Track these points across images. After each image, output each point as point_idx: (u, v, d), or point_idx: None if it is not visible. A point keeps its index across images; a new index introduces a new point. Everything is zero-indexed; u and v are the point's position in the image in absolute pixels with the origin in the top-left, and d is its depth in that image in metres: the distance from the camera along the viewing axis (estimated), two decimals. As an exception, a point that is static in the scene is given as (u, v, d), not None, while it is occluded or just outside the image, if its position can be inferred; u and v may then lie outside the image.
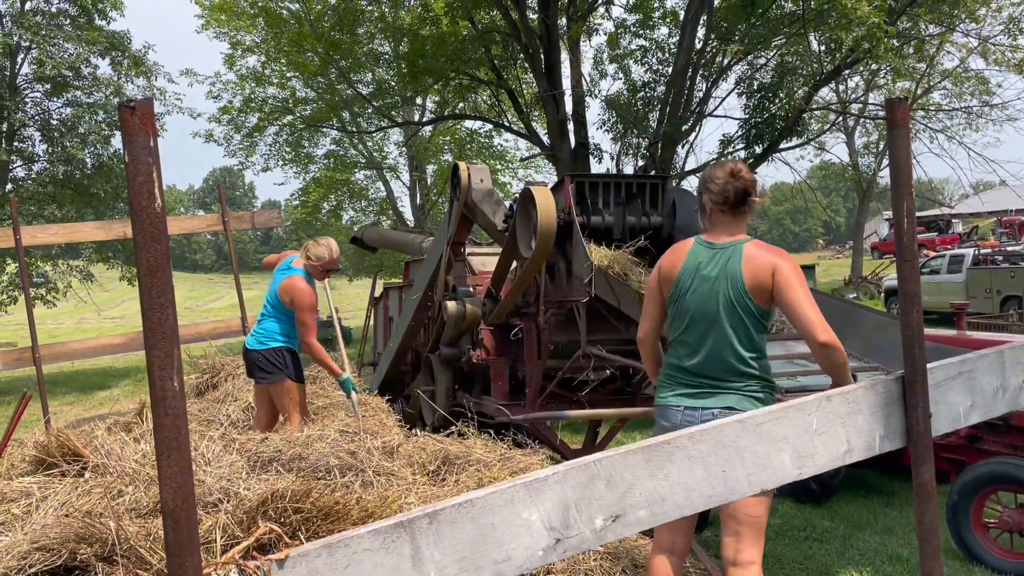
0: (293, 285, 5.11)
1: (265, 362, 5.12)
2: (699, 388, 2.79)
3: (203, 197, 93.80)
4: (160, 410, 1.47)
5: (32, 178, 18.68)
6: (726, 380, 2.76)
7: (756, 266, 2.72)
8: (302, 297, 5.05)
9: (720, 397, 2.75)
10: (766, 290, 2.71)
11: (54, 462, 3.45)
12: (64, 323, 35.49)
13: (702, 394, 2.77)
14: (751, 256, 2.75)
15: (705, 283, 2.77)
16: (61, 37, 17.51)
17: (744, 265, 2.73)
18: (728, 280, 2.74)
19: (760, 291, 2.72)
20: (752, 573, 2.72)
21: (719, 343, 2.76)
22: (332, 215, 23.29)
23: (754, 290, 2.72)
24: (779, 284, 2.68)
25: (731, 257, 2.77)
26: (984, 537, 4.66)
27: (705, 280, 2.78)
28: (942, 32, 15.48)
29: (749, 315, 2.74)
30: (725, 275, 2.75)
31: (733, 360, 2.75)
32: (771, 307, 2.78)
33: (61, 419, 10.30)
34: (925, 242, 30.70)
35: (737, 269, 2.74)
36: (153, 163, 1.46)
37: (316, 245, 5.34)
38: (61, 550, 2.49)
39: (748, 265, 2.73)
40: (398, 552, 1.64)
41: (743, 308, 2.73)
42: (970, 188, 25.63)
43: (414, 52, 15.49)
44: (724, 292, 2.74)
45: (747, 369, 2.76)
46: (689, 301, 2.80)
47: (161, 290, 1.47)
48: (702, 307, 2.77)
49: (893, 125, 2.04)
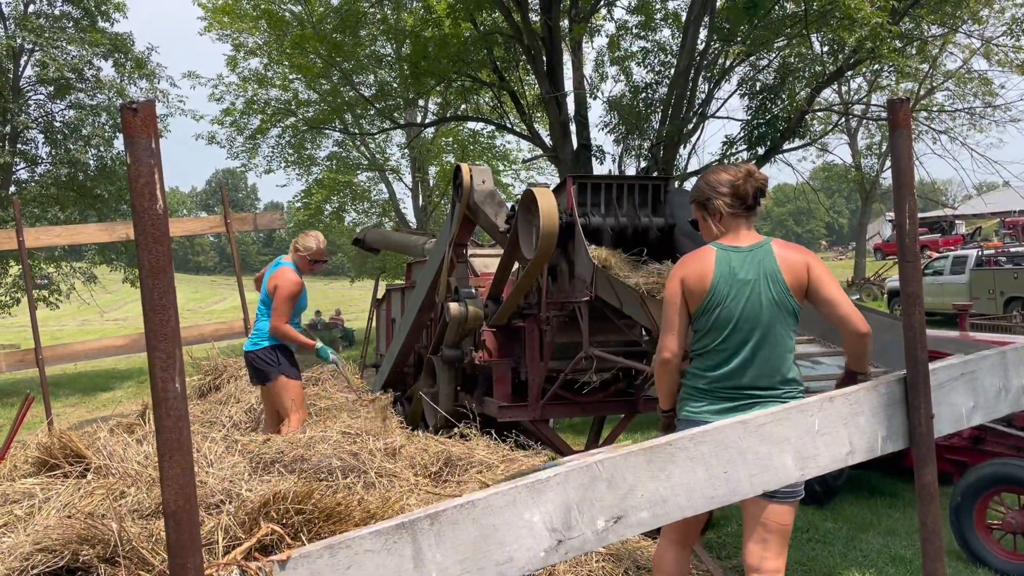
0: (279, 273, 5.21)
1: (259, 362, 5.18)
2: (739, 401, 2.71)
3: (206, 199, 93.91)
4: (162, 411, 1.48)
5: (35, 180, 18.71)
6: (772, 388, 2.72)
7: (792, 264, 2.72)
8: (286, 284, 5.14)
9: (760, 405, 2.61)
10: (803, 287, 2.72)
11: (57, 463, 3.45)
12: (67, 325, 35.53)
13: (743, 406, 2.66)
14: (784, 255, 2.74)
15: (745, 288, 2.71)
16: (64, 39, 17.55)
17: (781, 265, 2.72)
18: (769, 281, 2.71)
19: (799, 289, 2.72)
20: None
21: (769, 348, 2.72)
22: (334, 217, 23.30)
23: (795, 289, 2.71)
24: (816, 280, 2.70)
25: (764, 258, 2.73)
26: (987, 539, 4.65)
27: (744, 284, 2.71)
28: (945, 33, 15.46)
29: (791, 315, 2.74)
30: (764, 277, 2.71)
31: (782, 363, 2.73)
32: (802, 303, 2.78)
33: (64, 421, 10.32)
34: (928, 243, 30.65)
35: (776, 269, 2.71)
36: (155, 164, 1.46)
37: (304, 236, 5.43)
38: (63, 551, 2.50)
39: (784, 264, 2.72)
40: (400, 553, 1.64)
41: (787, 309, 2.72)
42: (973, 189, 25.59)
43: (416, 54, 15.50)
44: (767, 294, 2.70)
45: (789, 374, 2.75)
46: (731, 308, 2.71)
47: (163, 291, 1.47)
48: (747, 313, 2.71)
49: (895, 126, 2.04)
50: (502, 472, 3.80)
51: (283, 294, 5.12)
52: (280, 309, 5.13)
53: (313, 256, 5.32)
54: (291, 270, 5.23)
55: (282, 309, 5.13)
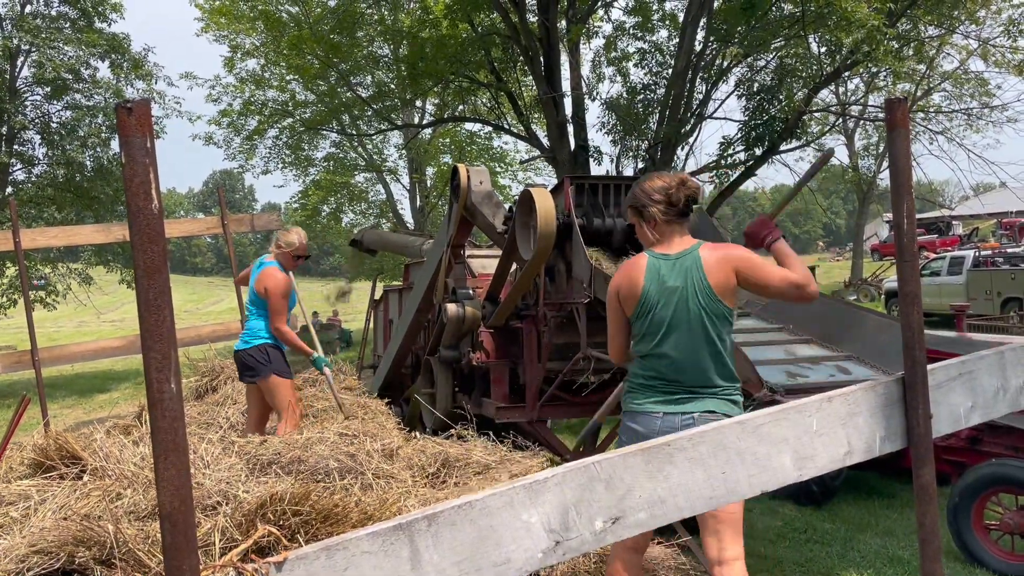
0: (267, 274, 5.22)
1: (251, 360, 5.18)
2: (679, 395, 2.83)
3: (203, 200, 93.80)
4: (157, 412, 1.47)
5: (32, 181, 18.68)
6: (705, 386, 2.82)
7: (717, 268, 2.80)
8: (275, 283, 5.15)
9: (700, 402, 2.80)
10: (732, 288, 2.81)
11: (52, 465, 3.44)
12: (64, 326, 35.48)
13: (682, 400, 2.81)
14: (710, 260, 2.82)
15: (673, 295, 2.81)
16: (61, 40, 17.53)
17: (707, 271, 2.80)
18: (696, 287, 2.80)
19: (727, 291, 2.81)
20: (738, 569, 2.75)
21: (698, 351, 2.81)
22: (332, 217, 23.28)
23: (721, 292, 2.80)
24: (744, 273, 2.79)
25: (691, 265, 2.82)
26: (985, 539, 4.65)
27: (672, 292, 2.81)
28: (942, 34, 15.48)
29: (720, 318, 2.82)
30: (691, 284, 2.80)
31: (713, 365, 2.82)
32: (735, 304, 2.88)
33: (60, 422, 10.31)
34: (925, 244, 30.70)
35: (701, 275, 2.80)
36: (150, 164, 1.45)
37: (285, 233, 5.44)
38: (59, 553, 2.49)
39: (710, 269, 2.80)
40: (397, 555, 1.64)
41: (715, 313, 2.80)
42: (970, 190, 25.61)
43: (413, 55, 15.49)
44: (695, 300, 2.79)
45: (724, 373, 2.84)
46: (661, 315, 2.83)
47: (158, 292, 1.47)
48: (675, 319, 2.81)
49: (892, 126, 2.03)
50: (499, 473, 3.79)
51: (276, 294, 5.13)
52: (278, 310, 5.14)
53: (296, 252, 5.33)
54: (277, 269, 5.25)
55: (280, 309, 5.15)
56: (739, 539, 2.77)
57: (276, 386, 5.10)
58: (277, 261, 5.31)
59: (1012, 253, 19.44)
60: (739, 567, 2.74)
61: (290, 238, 5.36)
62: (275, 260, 5.32)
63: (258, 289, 5.22)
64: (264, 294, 5.17)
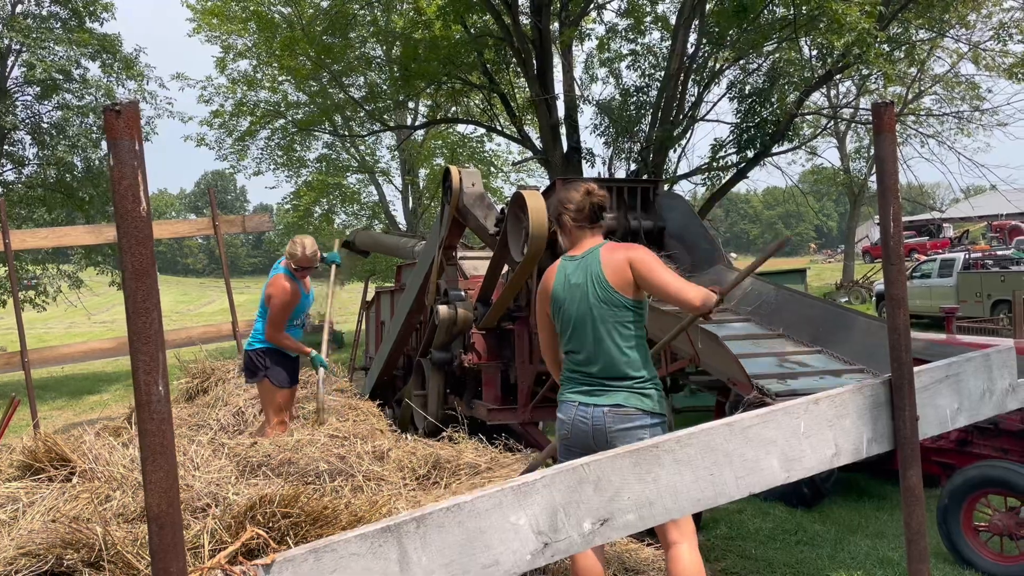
0: (272, 281, 5.24)
1: (250, 361, 5.24)
2: (593, 387, 2.99)
3: (195, 201, 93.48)
4: (145, 414, 1.47)
5: (22, 182, 18.59)
6: (615, 379, 2.96)
7: (614, 262, 2.96)
8: (277, 292, 5.17)
9: (609, 395, 2.95)
10: (629, 281, 2.93)
11: (41, 467, 3.42)
12: (54, 328, 35.31)
13: (595, 392, 2.98)
14: (607, 255, 2.99)
15: (576, 291, 3.00)
16: (51, 40, 17.44)
17: (603, 264, 2.97)
18: (593, 281, 2.97)
19: (624, 284, 2.94)
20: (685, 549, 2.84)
21: (601, 342, 2.96)
22: (324, 219, 23.23)
23: (617, 284, 2.94)
24: (639, 272, 2.92)
25: (591, 262, 3.01)
26: (975, 540, 4.67)
27: (575, 288, 3.01)
28: (933, 37, 15.55)
29: (620, 308, 2.95)
30: (589, 278, 2.99)
31: (616, 358, 2.95)
32: (639, 296, 2.99)
33: (50, 424, 10.25)
34: (916, 246, 30.86)
35: (598, 269, 2.98)
36: (138, 166, 1.46)
37: (291, 243, 5.40)
38: (47, 555, 2.48)
39: (607, 263, 2.97)
40: (385, 556, 1.64)
41: (612, 303, 2.95)
42: (961, 193, 25.73)
43: (406, 56, 15.48)
44: (593, 293, 2.97)
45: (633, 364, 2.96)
46: (568, 311, 3.02)
47: (146, 294, 1.47)
48: (578, 313, 2.99)
49: (880, 130, 2.05)
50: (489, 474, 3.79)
51: (276, 303, 5.16)
52: (275, 319, 5.18)
53: (298, 263, 5.28)
54: (284, 276, 5.24)
55: (276, 318, 5.18)
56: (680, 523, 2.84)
57: (266, 391, 5.15)
58: (287, 268, 5.29)
59: (1002, 255, 19.55)
60: (686, 548, 2.84)
61: (293, 249, 5.31)
62: (285, 267, 5.30)
63: (265, 293, 5.26)
64: (267, 300, 5.21)
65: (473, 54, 15.18)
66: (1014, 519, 4.54)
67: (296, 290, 5.24)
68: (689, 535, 2.88)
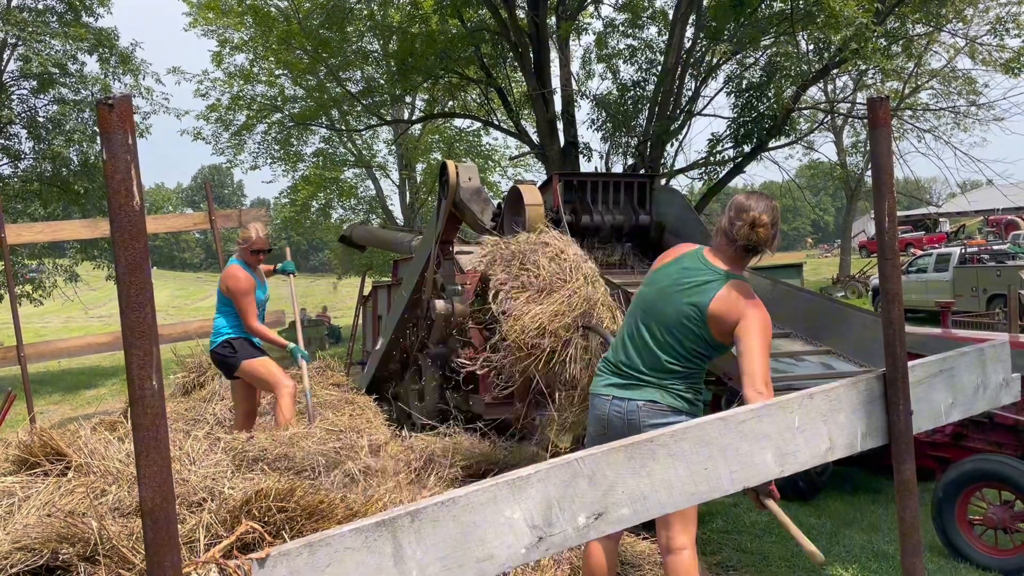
0: (227, 273, 5.16)
1: (220, 357, 5.16)
2: (628, 380, 2.91)
3: (192, 195, 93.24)
4: (139, 409, 1.47)
5: (18, 176, 18.54)
6: (654, 376, 2.87)
7: (728, 303, 2.78)
8: (236, 283, 5.08)
9: (645, 390, 2.86)
10: (725, 327, 2.77)
11: (37, 462, 3.42)
12: (51, 322, 35.27)
13: (630, 386, 2.89)
14: (728, 293, 2.80)
15: (669, 291, 2.86)
16: (48, 34, 17.36)
17: (719, 295, 2.79)
18: (696, 298, 2.81)
19: (717, 324, 2.78)
20: (684, 558, 2.81)
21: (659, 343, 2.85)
22: (321, 213, 23.22)
23: (713, 320, 2.78)
24: (742, 327, 2.74)
25: (711, 281, 2.82)
26: (969, 534, 4.69)
27: (677, 287, 2.85)
28: (929, 32, 15.54)
29: (697, 338, 2.82)
30: (696, 293, 2.82)
31: (664, 359, 2.85)
32: (726, 341, 2.83)
33: (47, 419, 10.23)
34: (913, 241, 30.90)
35: (710, 296, 2.80)
36: (131, 160, 1.45)
37: (243, 230, 5.37)
38: (43, 550, 2.48)
39: (722, 297, 2.79)
40: (380, 551, 1.64)
41: (695, 324, 2.81)
42: (957, 187, 25.74)
43: (403, 50, 15.46)
44: (686, 303, 2.82)
45: (677, 370, 2.86)
46: (647, 298, 2.91)
47: (139, 288, 1.46)
48: (657, 305, 2.87)
49: (875, 124, 2.05)
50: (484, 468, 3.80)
51: (238, 295, 5.08)
52: (244, 309, 5.09)
53: (253, 246, 5.21)
54: (236, 267, 5.19)
55: (246, 309, 5.09)
56: (688, 530, 2.83)
57: (253, 368, 5.04)
58: (239, 259, 5.24)
59: (998, 250, 19.59)
60: (686, 555, 2.81)
61: (245, 233, 5.28)
62: (238, 258, 5.25)
63: (221, 288, 5.20)
64: (227, 293, 5.14)
65: (470, 48, 15.16)
66: (1008, 513, 4.56)
67: (251, 279, 5.17)
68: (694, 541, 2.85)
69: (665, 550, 2.84)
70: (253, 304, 5.12)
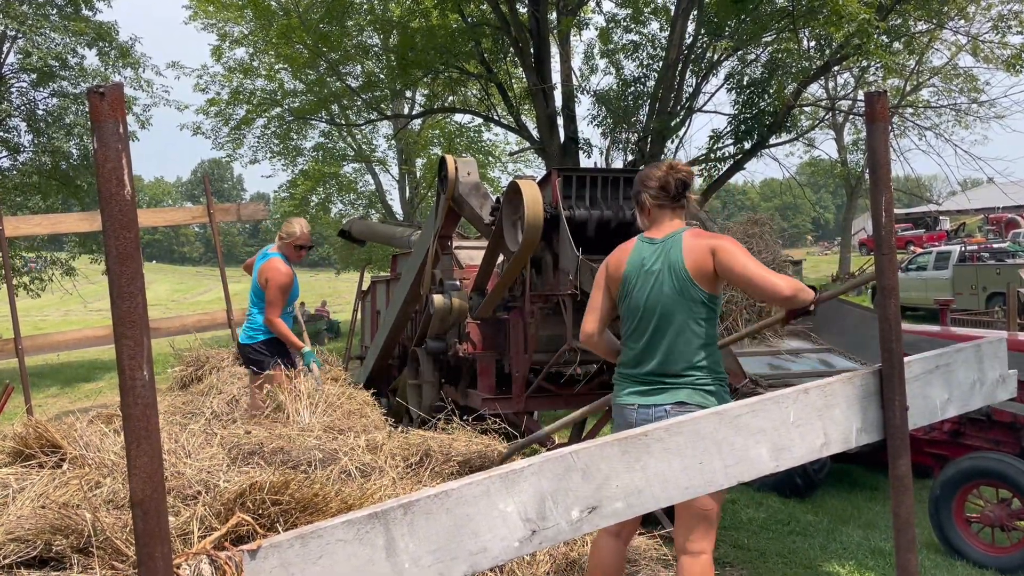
0: (270, 266, 5.17)
1: (256, 354, 5.18)
2: (650, 386, 2.84)
3: (191, 189, 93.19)
4: (129, 400, 1.46)
5: (17, 169, 18.52)
6: (675, 375, 2.80)
7: (696, 251, 2.78)
8: (277, 276, 5.10)
9: (671, 393, 2.79)
10: (709, 272, 2.77)
11: (32, 453, 3.41)
12: (50, 316, 35.25)
13: (653, 391, 2.83)
14: (690, 243, 2.81)
15: (650, 278, 2.84)
16: (47, 27, 17.34)
17: (685, 253, 2.79)
18: (671, 271, 2.80)
19: (703, 276, 2.77)
20: (702, 562, 2.76)
21: (670, 337, 2.80)
22: (320, 208, 23.18)
23: (698, 276, 2.77)
24: (721, 261, 2.73)
25: (671, 248, 2.83)
26: (966, 531, 4.69)
27: (650, 275, 2.84)
28: (932, 29, 15.51)
29: (697, 303, 2.79)
30: (668, 266, 2.81)
31: (683, 352, 2.80)
32: (718, 291, 2.84)
33: (45, 412, 10.23)
34: (913, 238, 30.88)
35: (679, 258, 2.79)
36: (123, 149, 1.44)
37: (287, 223, 5.40)
38: (36, 541, 2.47)
39: (688, 252, 2.79)
40: (372, 543, 1.63)
41: (690, 297, 2.78)
42: (957, 185, 25.69)
43: (403, 45, 15.42)
44: (670, 283, 2.80)
45: (696, 361, 2.80)
46: (637, 298, 2.87)
47: (130, 278, 1.46)
48: (650, 302, 2.83)
49: (872, 119, 2.04)
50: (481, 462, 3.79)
51: (274, 286, 5.09)
52: (274, 302, 5.11)
53: (297, 242, 5.26)
54: (280, 260, 5.20)
55: (275, 302, 5.11)
56: (709, 536, 2.78)
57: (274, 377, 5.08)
58: (281, 253, 5.26)
59: (998, 248, 19.57)
60: (704, 560, 2.76)
61: (291, 228, 5.31)
62: (279, 252, 5.27)
63: (260, 280, 5.19)
64: (264, 285, 5.14)
65: (470, 43, 15.12)
66: (1005, 510, 4.56)
67: (292, 274, 5.21)
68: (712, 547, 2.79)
69: (682, 550, 2.79)
70: (284, 300, 5.15)
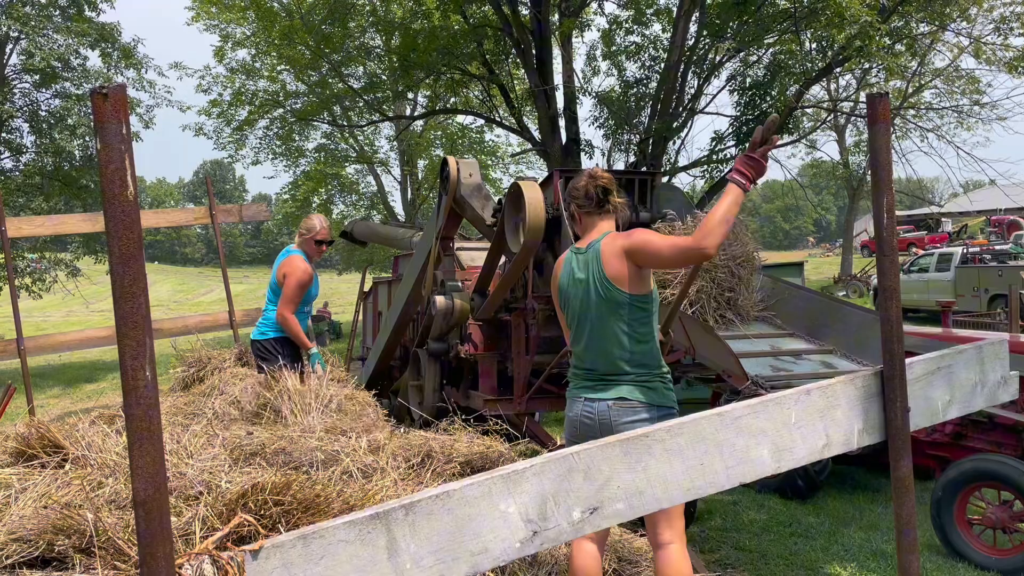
0: (290, 262, 5.15)
1: (264, 351, 5.15)
2: (595, 382, 2.97)
3: (193, 190, 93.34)
4: (132, 399, 1.46)
5: (20, 169, 18.56)
6: (615, 374, 2.92)
7: (611, 256, 2.87)
8: (296, 272, 5.08)
9: (613, 389, 2.91)
10: (626, 273, 2.85)
11: (34, 454, 3.41)
12: (52, 316, 35.31)
13: (598, 387, 2.95)
14: (606, 249, 2.90)
15: (580, 286, 2.96)
16: (50, 28, 17.38)
17: (604, 260, 2.89)
18: (594, 279, 2.91)
19: (621, 278, 2.86)
20: (671, 552, 2.82)
21: (602, 340, 2.92)
22: (322, 209, 23.19)
23: (617, 279, 2.86)
24: (634, 255, 2.82)
25: (592, 257, 2.94)
26: (968, 533, 4.68)
27: (579, 283, 2.97)
28: (934, 31, 15.50)
29: (623, 306, 2.88)
30: (591, 275, 2.93)
31: (617, 354, 2.90)
32: (645, 288, 2.90)
33: (47, 412, 10.26)
34: (915, 240, 30.88)
35: (599, 266, 2.90)
36: (126, 150, 1.44)
37: (307, 219, 5.37)
38: (38, 541, 2.48)
39: (606, 259, 2.89)
40: (374, 543, 1.63)
41: (615, 301, 2.88)
42: (960, 187, 25.69)
43: (405, 46, 15.43)
44: (595, 290, 2.91)
45: (631, 360, 2.90)
46: (573, 307, 3.00)
47: (133, 278, 1.46)
48: (583, 310, 2.96)
49: (874, 120, 2.04)
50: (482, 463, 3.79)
51: (293, 282, 5.07)
52: (289, 297, 5.07)
53: (317, 236, 5.23)
54: (300, 258, 5.17)
55: (292, 298, 5.08)
56: (673, 524, 2.83)
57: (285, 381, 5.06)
58: (301, 250, 5.23)
59: (1000, 250, 19.56)
60: (674, 550, 2.81)
61: (310, 223, 5.28)
62: (299, 249, 5.25)
63: (278, 276, 5.16)
64: (281, 281, 5.11)
65: (472, 44, 15.14)
66: (1007, 512, 4.55)
67: (311, 271, 5.18)
68: (681, 536, 2.86)
69: (654, 546, 2.87)
70: (301, 297, 5.12)
